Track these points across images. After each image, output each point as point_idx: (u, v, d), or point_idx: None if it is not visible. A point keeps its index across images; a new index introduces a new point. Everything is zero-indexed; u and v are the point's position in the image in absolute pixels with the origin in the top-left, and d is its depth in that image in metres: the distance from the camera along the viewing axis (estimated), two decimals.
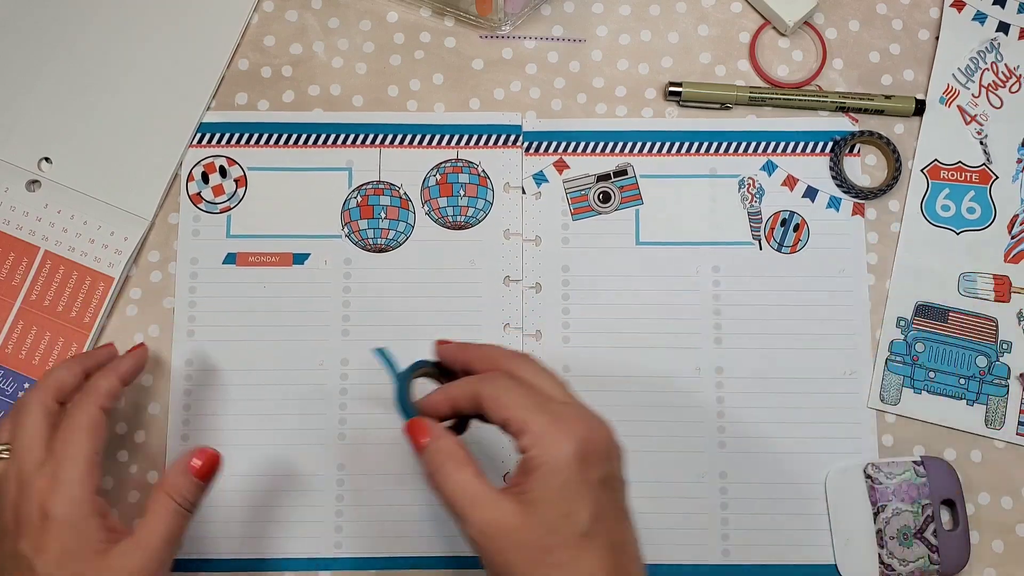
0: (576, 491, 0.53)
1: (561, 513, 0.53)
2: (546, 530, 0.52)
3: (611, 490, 0.55)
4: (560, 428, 0.54)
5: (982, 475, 0.71)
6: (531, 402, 0.55)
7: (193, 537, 0.70)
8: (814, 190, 0.75)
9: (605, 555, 0.53)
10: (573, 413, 0.56)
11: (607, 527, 0.54)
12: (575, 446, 0.53)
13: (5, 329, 0.72)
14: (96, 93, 0.75)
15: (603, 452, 0.55)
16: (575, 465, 0.53)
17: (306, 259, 0.73)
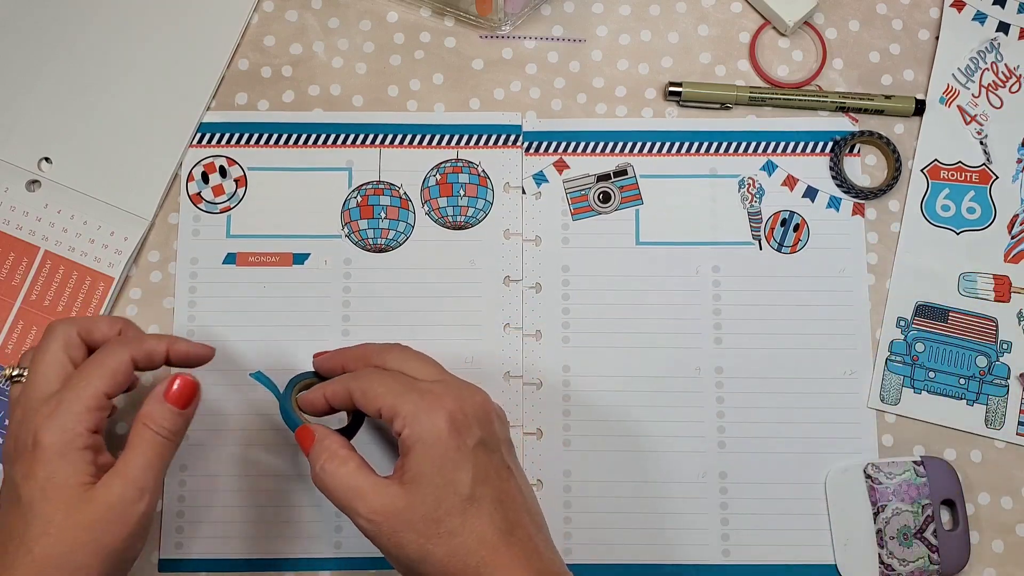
0: (453, 459, 0.55)
1: (442, 483, 0.55)
2: (431, 503, 0.55)
3: (490, 451, 0.57)
4: (429, 405, 0.56)
5: (982, 475, 0.71)
6: (398, 388, 0.58)
7: (193, 537, 0.70)
8: (814, 190, 0.75)
9: (493, 512, 0.55)
10: (440, 389, 0.58)
11: (491, 487, 0.56)
12: (445, 418, 0.56)
13: (5, 329, 0.72)
14: (96, 93, 0.75)
15: (475, 418, 0.57)
16: (448, 436, 0.56)
17: (306, 259, 0.73)
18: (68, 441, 0.56)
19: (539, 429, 0.71)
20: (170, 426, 0.59)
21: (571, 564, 0.69)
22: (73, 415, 0.57)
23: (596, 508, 0.71)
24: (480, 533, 0.55)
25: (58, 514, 0.55)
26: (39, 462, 0.56)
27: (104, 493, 0.56)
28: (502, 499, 0.56)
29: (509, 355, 0.72)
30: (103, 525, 0.56)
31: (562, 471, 0.71)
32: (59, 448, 0.56)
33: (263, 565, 0.70)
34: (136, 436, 0.58)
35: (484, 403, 0.59)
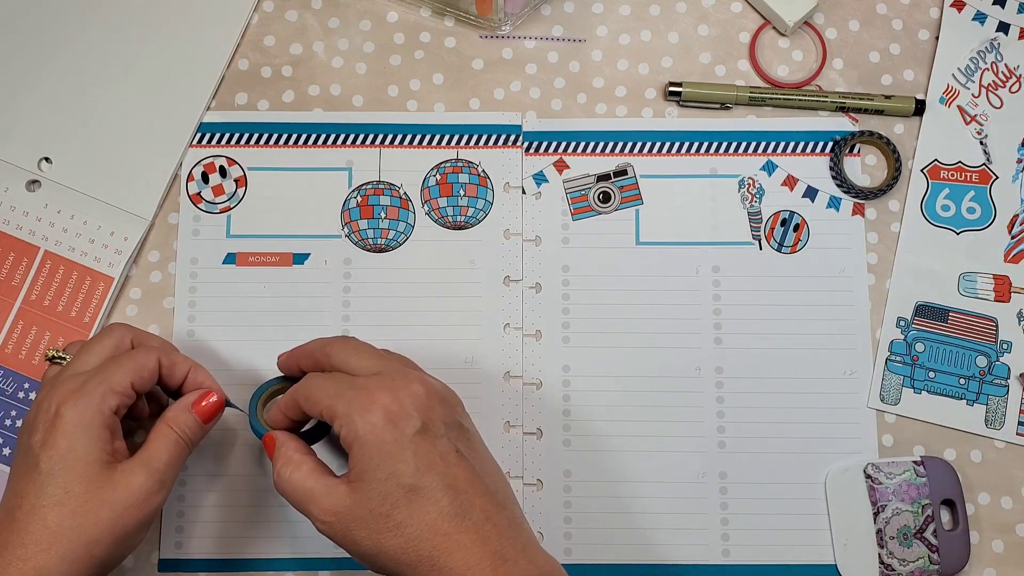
0: (392, 452, 0.55)
1: (384, 477, 0.55)
2: (378, 499, 0.55)
3: (433, 437, 0.57)
4: (362, 403, 0.57)
5: (982, 475, 0.71)
6: (335, 389, 0.58)
7: (193, 537, 0.70)
8: (814, 190, 0.75)
9: (441, 499, 0.55)
10: (375, 384, 0.58)
11: (437, 473, 0.56)
12: (380, 412, 0.56)
13: (5, 329, 0.72)
14: (96, 93, 0.75)
15: (412, 407, 0.57)
16: (383, 429, 0.56)
17: (306, 259, 0.73)
18: (90, 417, 0.58)
19: (539, 429, 0.71)
20: (191, 433, 0.62)
21: (571, 564, 0.69)
22: (98, 394, 0.59)
23: (596, 508, 0.71)
24: (429, 522, 0.55)
25: (77, 486, 0.57)
26: (60, 433, 0.58)
27: (129, 478, 0.58)
28: (451, 484, 0.56)
29: (509, 355, 0.72)
30: (123, 506, 0.58)
31: (562, 471, 0.71)
32: (81, 422, 0.58)
33: (263, 565, 0.70)
34: (160, 434, 0.61)
35: (420, 391, 0.58)
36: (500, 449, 0.71)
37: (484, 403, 0.71)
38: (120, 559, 0.60)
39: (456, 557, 0.54)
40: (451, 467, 0.56)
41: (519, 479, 0.71)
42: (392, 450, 0.56)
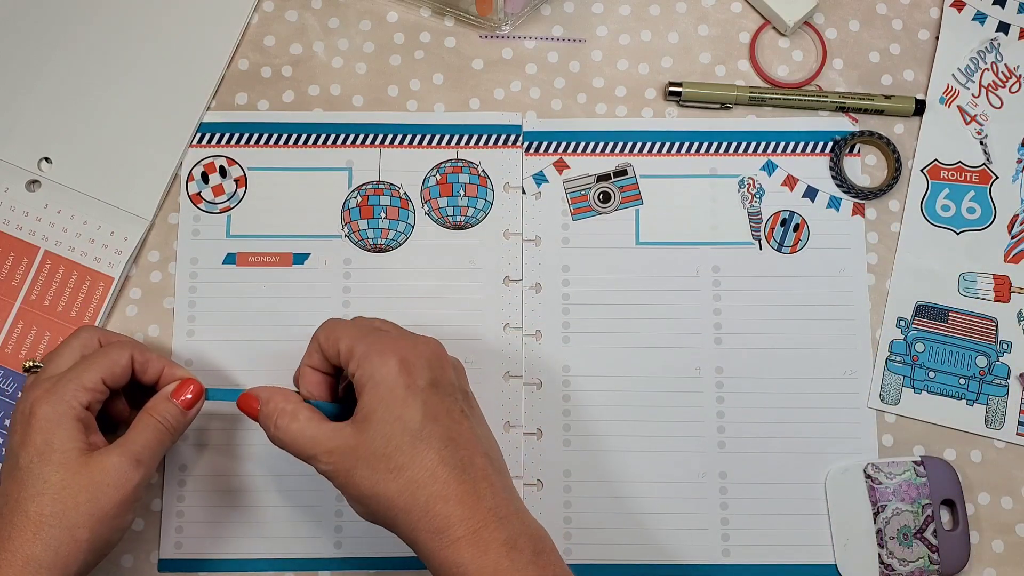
0: (403, 397, 0.56)
1: (391, 419, 0.56)
2: (381, 440, 0.56)
3: (444, 394, 0.58)
4: (382, 347, 0.58)
5: (982, 475, 0.71)
6: (357, 332, 0.60)
7: (193, 537, 0.70)
8: (814, 190, 0.75)
9: (442, 449, 0.56)
10: (395, 334, 0.60)
11: (442, 425, 0.57)
12: (396, 359, 0.57)
13: (5, 329, 0.72)
14: (96, 93, 0.75)
15: (427, 361, 0.58)
16: (398, 375, 0.57)
17: (306, 259, 0.73)
18: (63, 412, 0.60)
19: (539, 429, 0.71)
20: (172, 420, 0.63)
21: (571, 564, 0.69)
22: (69, 391, 0.61)
23: (596, 508, 0.71)
24: (431, 468, 0.55)
25: (54, 475, 0.59)
26: (35, 430, 0.60)
27: (102, 459, 0.60)
28: (453, 437, 0.57)
29: (509, 355, 0.72)
30: (99, 488, 0.59)
31: (562, 471, 0.71)
32: (54, 417, 0.60)
33: (263, 565, 0.70)
34: (139, 421, 0.62)
35: (437, 351, 0.60)
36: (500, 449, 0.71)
37: (484, 403, 0.70)
38: (109, 542, 0.61)
39: (451, 506, 0.55)
40: (455, 423, 0.57)
41: (519, 479, 0.71)
42: (403, 395, 0.57)
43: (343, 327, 0.61)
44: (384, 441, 0.56)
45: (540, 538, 0.58)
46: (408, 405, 0.56)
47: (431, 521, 0.55)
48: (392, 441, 0.56)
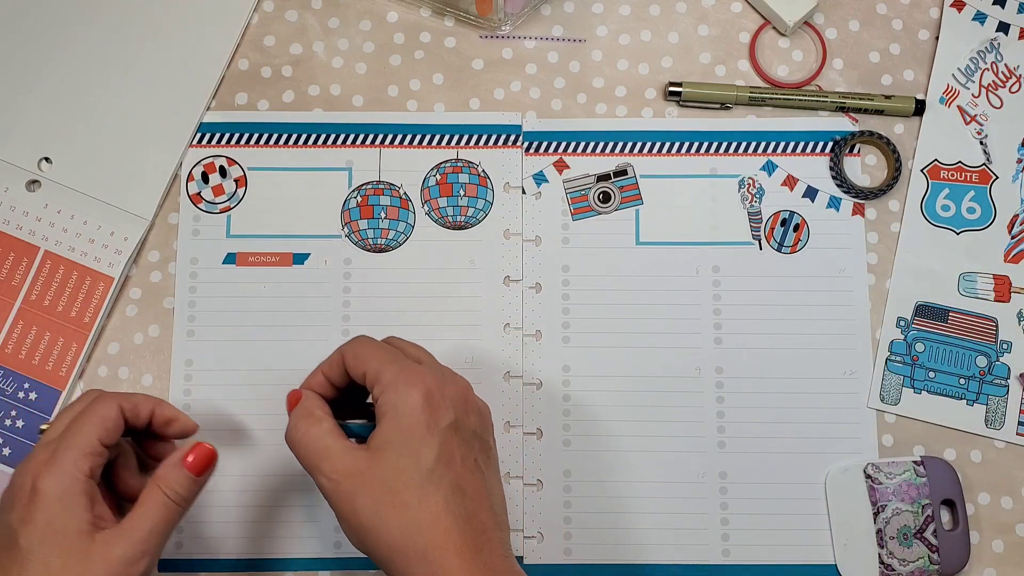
0: (422, 434, 0.55)
1: (406, 453, 0.55)
2: (392, 472, 0.55)
3: (463, 440, 0.57)
4: (409, 377, 0.57)
5: (982, 475, 0.71)
6: (385, 355, 0.58)
7: (193, 537, 0.70)
8: (814, 190, 0.75)
9: (450, 496, 0.55)
10: (425, 368, 0.59)
11: (454, 471, 0.56)
12: (422, 392, 0.56)
13: (5, 329, 0.72)
14: (96, 93, 0.75)
15: (452, 401, 0.57)
16: (421, 410, 0.56)
17: (306, 259, 0.73)
18: (66, 486, 0.56)
19: (539, 429, 0.71)
20: (183, 492, 0.59)
21: (571, 564, 0.69)
22: (70, 461, 0.57)
23: (596, 508, 0.71)
24: (435, 513, 0.54)
25: (57, 560, 0.55)
26: (38, 508, 0.56)
27: (106, 550, 0.56)
28: (463, 487, 0.56)
29: (509, 355, 0.72)
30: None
31: (562, 471, 0.71)
32: (58, 493, 0.56)
33: (263, 565, 0.70)
34: (148, 497, 0.58)
35: (465, 392, 0.59)
36: (500, 449, 0.71)
37: None
38: None
39: (449, 557, 0.54)
40: (468, 472, 0.56)
41: (519, 479, 0.71)
42: (422, 432, 0.56)
43: (373, 349, 0.59)
44: (395, 474, 0.55)
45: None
46: (426, 443, 0.55)
47: (427, 568, 0.54)
48: (402, 476, 0.55)
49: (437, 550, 0.54)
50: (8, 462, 0.70)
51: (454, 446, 0.56)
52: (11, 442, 0.70)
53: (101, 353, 0.72)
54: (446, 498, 0.55)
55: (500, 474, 0.61)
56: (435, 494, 0.55)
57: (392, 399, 0.57)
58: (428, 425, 0.56)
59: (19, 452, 0.70)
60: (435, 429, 0.56)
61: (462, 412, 0.58)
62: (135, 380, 0.72)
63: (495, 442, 0.61)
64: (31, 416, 0.70)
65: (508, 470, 0.71)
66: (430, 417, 0.56)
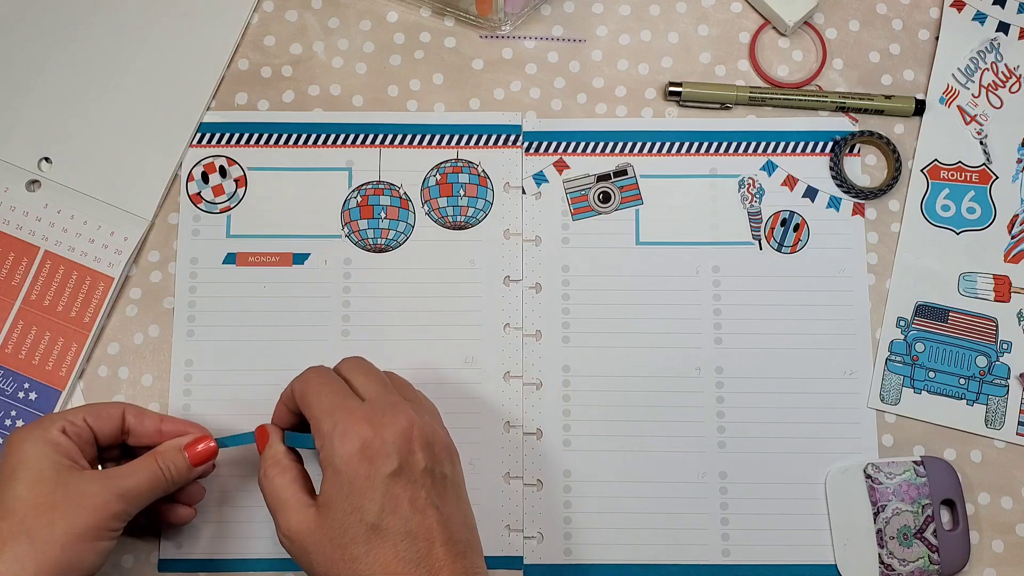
0: (360, 488, 0.56)
1: (349, 509, 0.56)
2: (339, 529, 0.56)
3: (407, 481, 0.57)
4: (344, 429, 0.57)
5: (982, 475, 0.71)
6: (329, 403, 0.58)
7: (193, 537, 0.70)
8: (814, 190, 0.75)
9: (399, 543, 0.55)
10: (364, 412, 0.58)
11: (401, 517, 0.56)
12: (357, 445, 0.56)
13: (5, 329, 0.72)
14: (96, 93, 0.75)
15: (394, 445, 0.57)
16: (358, 463, 0.56)
17: (306, 259, 0.73)
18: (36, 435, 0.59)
19: (539, 429, 0.71)
20: (175, 473, 0.62)
21: (571, 564, 0.69)
22: (45, 419, 0.60)
23: (596, 508, 0.71)
24: (383, 563, 0.55)
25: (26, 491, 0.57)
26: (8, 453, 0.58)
27: (82, 481, 0.58)
28: (412, 531, 0.56)
29: (509, 355, 0.72)
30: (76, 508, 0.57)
31: (562, 471, 0.71)
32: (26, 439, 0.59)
33: (263, 565, 0.70)
34: (141, 461, 0.61)
35: (407, 430, 0.58)
36: (500, 449, 0.71)
37: (484, 403, 0.71)
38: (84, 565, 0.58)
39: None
40: (417, 513, 0.56)
41: (519, 479, 0.71)
42: (362, 486, 0.56)
43: (316, 390, 0.60)
44: (341, 531, 0.56)
45: None
46: (367, 496, 0.56)
47: None
48: (348, 532, 0.56)
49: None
50: None
51: (399, 491, 0.56)
52: None
53: (101, 353, 0.72)
54: (395, 546, 0.55)
55: (464, 496, 0.61)
56: (382, 545, 0.55)
57: (328, 454, 0.57)
58: (368, 477, 0.56)
59: None
60: (376, 479, 0.56)
61: (405, 453, 0.57)
62: (135, 380, 0.72)
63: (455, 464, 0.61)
64: (31, 416, 0.70)
65: (508, 470, 0.71)
66: (368, 468, 0.56)
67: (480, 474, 0.70)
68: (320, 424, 0.58)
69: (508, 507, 0.70)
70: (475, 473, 0.70)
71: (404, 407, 0.59)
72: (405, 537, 0.55)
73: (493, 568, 0.69)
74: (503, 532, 0.70)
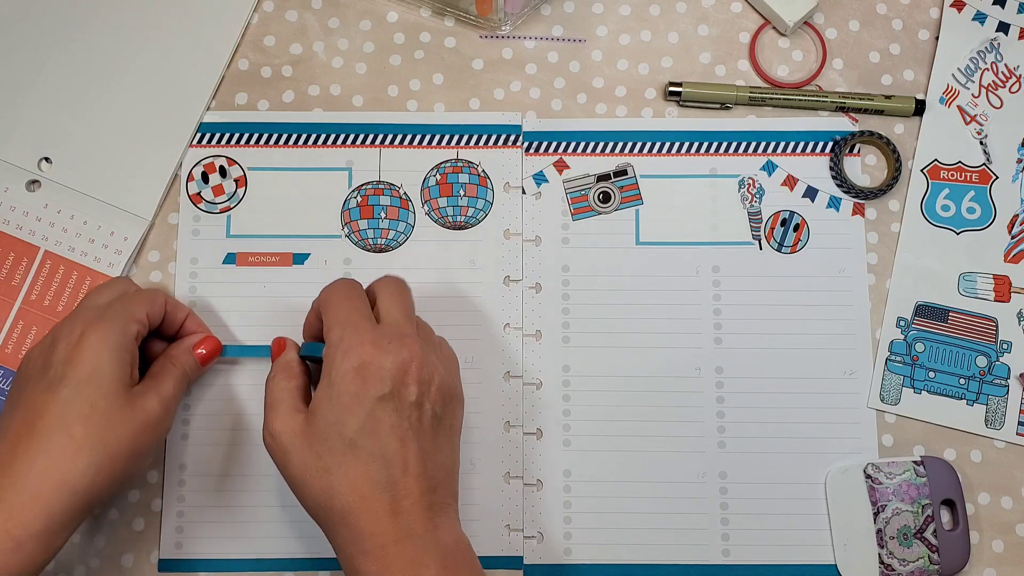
0: (348, 403, 0.58)
1: (332, 420, 0.58)
2: (319, 437, 0.58)
3: (393, 409, 0.58)
4: (350, 344, 0.59)
5: (982, 475, 0.71)
6: (344, 316, 0.61)
7: (194, 537, 0.70)
8: (814, 190, 0.75)
9: (370, 463, 0.57)
10: (371, 333, 0.60)
11: (379, 441, 0.58)
12: (355, 363, 0.58)
13: (5, 329, 0.72)
14: (96, 93, 0.75)
15: (389, 372, 0.58)
16: (351, 380, 0.58)
17: (306, 259, 0.73)
18: (115, 340, 0.61)
19: (539, 429, 0.71)
20: (191, 371, 0.66)
21: (571, 564, 0.69)
22: (121, 320, 0.62)
23: (596, 508, 0.71)
24: (352, 480, 0.57)
25: (102, 401, 0.59)
26: (87, 351, 0.60)
27: (143, 400, 0.61)
28: (387, 455, 0.57)
29: (509, 355, 0.72)
30: (140, 426, 0.61)
31: (562, 471, 0.71)
32: (107, 343, 0.60)
33: (263, 565, 0.70)
34: (165, 369, 0.65)
35: (406, 362, 0.59)
36: (500, 449, 0.71)
37: (484, 403, 0.71)
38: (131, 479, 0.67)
39: (363, 520, 0.56)
40: (395, 440, 0.58)
41: (519, 479, 0.71)
42: (349, 402, 0.58)
43: (336, 303, 0.62)
44: (321, 440, 0.58)
45: (452, 551, 0.58)
46: (351, 412, 0.58)
47: (345, 529, 0.57)
48: (327, 442, 0.58)
49: (352, 514, 0.57)
50: None
51: (382, 416, 0.58)
52: None
53: None
54: (366, 465, 0.57)
55: (454, 442, 0.63)
56: (354, 462, 0.57)
57: (328, 366, 0.59)
58: (356, 395, 0.58)
59: None
60: (363, 398, 0.58)
61: (399, 383, 0.59)
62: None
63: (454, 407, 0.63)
64: None
65: (508, 470, 0.71)
66: (359, 386, 0.58)
67: (480, 474, 0.71)
68: (330, 333, 0.60)
69: (508, 507, 0.70)
70: (475, 473, 0.70)
71: (413, 341, 0.60)
72: (378, 459, 0.57)
73: (493, 568, 0.69)
74: (503, 532, 0.70)
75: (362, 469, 0.57)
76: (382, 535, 0.56)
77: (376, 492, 0.57)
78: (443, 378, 0.61)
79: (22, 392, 0.61)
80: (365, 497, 0.57)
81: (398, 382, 0.58)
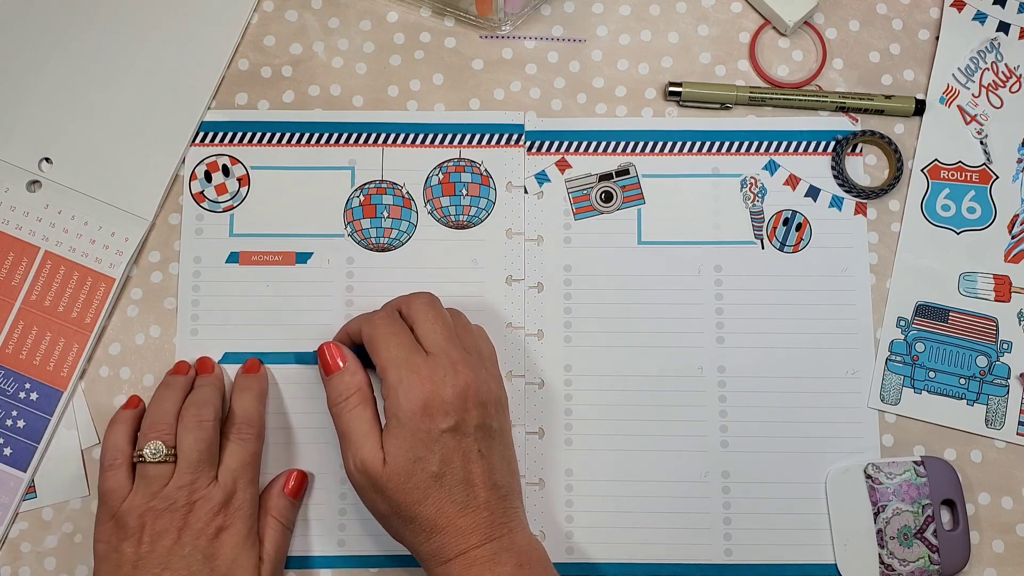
0: (423, 440, 0.62)
1: (413, 459, 0.62)
2: (404, 475, 0.62)
3: (461, 436, 0.63)
4: (409, 384, 0.62)
5: (982, 475, 0.72)
6: (395, 354, 0.64)
7: None
8: (816, 190, 0.75)
9: (453, 490, 0.62)
10: (427, 370, 0.63)
11: (456, 468, 0.62)
12: (419, 402, 0.62)
13: (5, 329, 0.71)
14: (96, 93, 0.75)
15: (452, 404, 0.62)
16: (420, 419, 0.62)
17: (309, 258, 0.73)
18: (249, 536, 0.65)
19: (541, 428, 0.71)
20: (291, 517, 0.69)
21: (573, 563, 0.69)
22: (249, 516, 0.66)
23: (598, 507, 0.71)
24: (440, 506, 0.62)
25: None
26: (228, 545, 0.64)
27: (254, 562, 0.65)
28: (465, 478, 0.62)
29: (511, 354, 0.72)
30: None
31: (564, 470, 0.71)
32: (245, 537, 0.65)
33: None
34: (270, 529, 0.67)
35: (463, 389, 0.63)
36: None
37: None
38: None
39: (449, 535, 0.61)
40: (469, 463, 0.62)
41: (521, 478, 0.71)
42: (424, 439, 0.62)
43: (384, 339, 0.65)
44: (406, 477, 0.62)
45: (526, 551, 0.62)
46: (428, 448, 0.62)
47: (429, 545, 0.62)
48: (413, 479, 0.62)
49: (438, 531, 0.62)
50: (9, 462, 0.70)
51: (454, 446, 0.62)
52: (12, 442, 0.70)
53: (102, 353, 0.72)
54: (450, 491, 0.62)
55: (509, 443, 0.67)
56: (440, 490, 0.62)
57: (393, 407, 0.63)
58: (428, 432, 0.62)
59: (20, 452, 0.70)
60: (434, 434, 0.62)
61: (461, 411, 0.63)
62: (136, 380, 0.72)
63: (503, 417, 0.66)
64: (32, 416, 0.70)
65: None
66: (429, 424, 0.62)
67: None
68: (387, 374, 0.63)
69: None
70: None
71: (464, 366, 0.64)
72: (460, 484, 0.62)
73: None
74: None
75: (447, 496, 0.62)
76: (464, 543, 0.61)
77: (458, 509, 0.62)
78: (493, 391, 0.65)
79: None
80: (452, 518, 0.62)
81: (460, 411, 0.63)
